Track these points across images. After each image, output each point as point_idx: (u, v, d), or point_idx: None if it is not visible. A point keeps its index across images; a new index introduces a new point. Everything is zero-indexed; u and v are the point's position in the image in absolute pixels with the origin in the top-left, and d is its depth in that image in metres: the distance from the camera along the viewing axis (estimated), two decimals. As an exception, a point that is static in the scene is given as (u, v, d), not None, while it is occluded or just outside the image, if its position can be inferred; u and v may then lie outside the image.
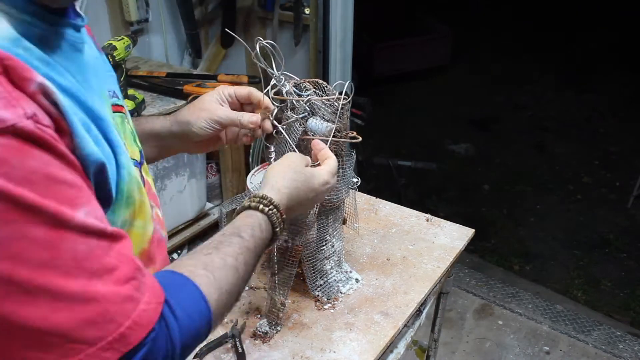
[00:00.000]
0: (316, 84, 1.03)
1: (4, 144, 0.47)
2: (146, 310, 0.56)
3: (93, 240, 0.53)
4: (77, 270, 0.51)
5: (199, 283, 0.65)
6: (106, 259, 0.54)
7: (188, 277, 0.65)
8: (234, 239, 0.73)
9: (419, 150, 3.97)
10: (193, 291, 0.64)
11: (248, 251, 0.73)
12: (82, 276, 0.52)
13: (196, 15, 2.58)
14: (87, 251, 0.52)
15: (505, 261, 2.95)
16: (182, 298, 0.62)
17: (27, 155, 0.49)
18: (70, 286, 0.51)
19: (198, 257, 0.69)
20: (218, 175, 2.38)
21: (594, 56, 5.45)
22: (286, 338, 1.07)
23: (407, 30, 5.24)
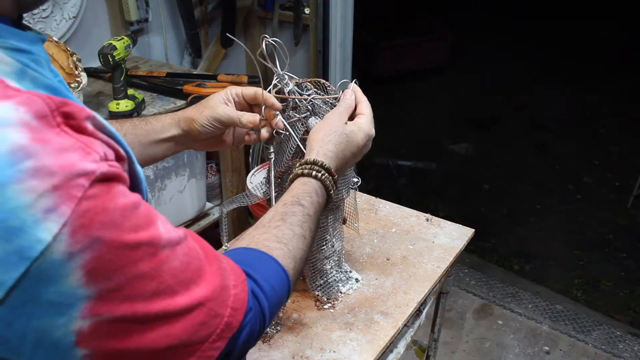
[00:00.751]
0: (318, 83, 1.03)
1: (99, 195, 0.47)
2: (237, 293, 0.60)
3: (178, 250, 0.54)
4: (179, 285, 0.53)
5: (276, 256, 0.69)
6: (193, 262, 0.56)
7: (265, 252, 0.69)
8: (296, 208, 0.76)
9: (419, 150, 3.97)
10: (273, 264, 0.68)
11: (310, 218, 0.77)
12: (184, 288, 0.54)
13: (196, 15, 2.58)
14: (179, 264, 0.54)
15: (505, 261, 2.95)
16: (265, 272, 0.66)
17: (114, 195, 0.49)
18: (179, 302, 0.53)
19: (268, 230, 0.73)
20: (218, 175, 2.37)
21: (594, 56, 5.45)
22: (286, 338, 1.07)
23: (407, 30, 5.24)
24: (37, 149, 0.44)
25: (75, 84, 1.64)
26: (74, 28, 2.11)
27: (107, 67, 1.74)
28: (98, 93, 1.98)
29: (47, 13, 2.00)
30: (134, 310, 0.50)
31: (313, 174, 0.82)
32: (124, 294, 0.49)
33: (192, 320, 0.54)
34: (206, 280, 0.56)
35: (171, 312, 0.53)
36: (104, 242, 0.47)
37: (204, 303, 0.55)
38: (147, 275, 0.51)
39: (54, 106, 0.47)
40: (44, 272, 0.44)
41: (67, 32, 2.09)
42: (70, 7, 2.06)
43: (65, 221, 0.45)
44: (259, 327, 0.63)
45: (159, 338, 0.52)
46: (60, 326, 0.46)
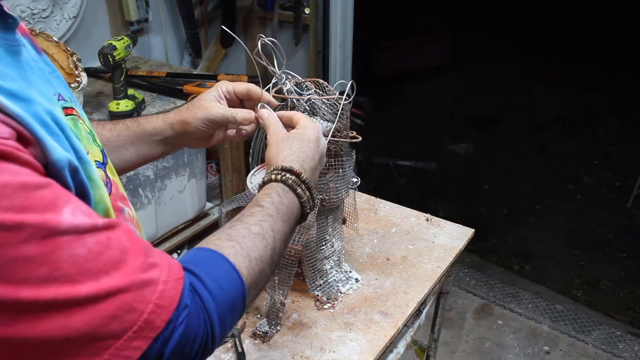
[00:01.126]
0: (316, 83, 1.03)
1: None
2: (165, 290, 0.55)
3: (88, 238, 0.51)
4: (82, 274, 0.50)
5: (226, 254, 0.65)
6: (108, 252, 0.52)
7: (215, 250, 0.65)
8: (254, 209, 0.74)
9: (419, 150, 3.97)
10: (222, 262, 0.64)
11: (271, 217, 0.73)
12: (89, 279, 0.50)
13: (196, 15, 2.58)
14: (86, 252, 0.51)
15: (505, 261, 2.95)
16: (211, 270, 0.62)
17: None
18: (79, 291, 0.50)
19: (222, 230, 0.70)
20: (218, 175, 2.38)
21: (594, 56, 5.45)
22: (286, 338, 1.07)
23: (407, 30, 5.24)
24: None
25: (75, 84, 1.64)
26: (74, 28, 2.11)
27: (107, 67, 1.74)
28: (98, 93, 1.98)
29: (47, 13, 2.00)
30: (17, 294, 0.47)
31: (272, 178, 0.80)
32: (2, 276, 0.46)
33: (98, 312, 0.51)
34: (122, 272, 0.53)
35: (69, 301, 0.49)
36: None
37: (114, 295, 0.51)
38: (35, 259, 0.48)
39: None
40: None
41: (67, 32, 2.09)
42: (70, 7, 2.06)
43: None
44: (202, 328, 0.58)
45: (54, 328, 0.49)
46: None
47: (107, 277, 0.51)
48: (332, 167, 1.07)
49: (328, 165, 1.06)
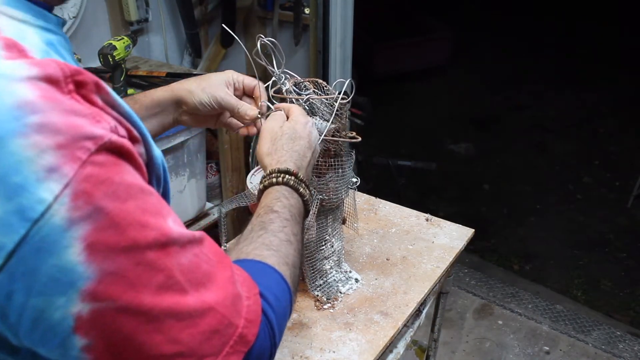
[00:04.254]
0: (315, 83, 1.03)
1: (104, 162, 0.45)
2: (250, 305, 0.55)
3: (188, 249, 0.51)
4: (188, 284, 0.49)
5: (272, 264, 0.65)
6: (204, 265, 0.52)
7: (262, 261, 0.64)
8: (271, 216, 0.73)
9: (419, 150, 3.97)
10: (272, 273, 0.64)
11: (288, 222, 0.73)
12: (194, 289, 0.50)
13: (196, 15, 2.58)
14: (189, 263, 0.50)
15: (505, 261, 2.95)
16: (266, 282, 0.61)
17: (122, 169, 0.46)
18: (188, 302, 0.49)
19: (254, 240, 0.68)
20: (218, 175, 2.37)
21: (594, 56, 5.45)
22: (285, 338, 1.07)
23: (407, 30, 5.24)
24: (44, 106, 0.43)
25: (75, 84, 1.63)
26: (74, 28, 2.11)
27: (107, 67, 1.74)
28: (98, 93, 1.98)
29: (47, 13, 2.00)
30: (140, 301, 0.46)
31: (274, 181, 0.79)
32: (128, 281, 0.45)
33: (203, 326, 0.50)
34: (218, 286, 0.52)
35: (181, 312, 0.48)
36: (107, 214, 0.44)
37: (215, 308, 0.51)
38: (154, 265, 0.47)
39: (68, 73, 0.46)
40: (44, 239, 0.42)
41: (67, 32, 2.09)
42: (70, 7, 2.06)
43: (67, 182, 0.42)
44: (269, 342, 0.58)
45: (166, 343, 0.48)
46: (59, 307, 0.44)
47: (205, 290, 0.51)
48: (331, 167, 1.06)
49: (328, 165, 1.06)
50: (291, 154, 0.83)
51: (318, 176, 1.06)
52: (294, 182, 0.79)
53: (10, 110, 0.42)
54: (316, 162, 1.04)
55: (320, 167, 1.06)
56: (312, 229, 1.08)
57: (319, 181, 1.06)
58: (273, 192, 0.77)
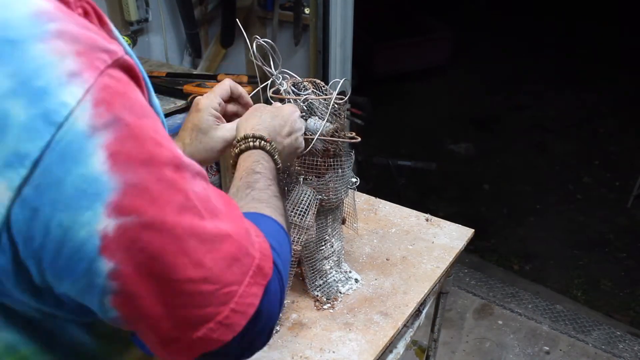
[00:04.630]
0: (314, 83, 1.03)
1: (119, 78, 0.45)
2: (260, 242, 0.55)
3: (199, 181, 0.50)
4: (205, 211, 0.48)
5: (268, 214, 0.66)
6: (213, 199, 0.51)
7: (258, 212, 0.65)
8: (255, 176, 0.73)
9: (419, 150, 3.97)
10: (271, 222, 0.65)
11: (271, 181, 0.74)
12: (209, 217, 0.49)
13: (196, 15, 2.58)
14: (202, 192, 0.49)
15: (505, 261, 2.95)
16: (268, 229, 0.61)
17: (135, 90, 0.47)
18: (207, 227, 0.48)
19: (243, 197, 0.69)
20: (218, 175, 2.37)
21: (594, 56, 5.45)
22: (285, 338, 1.07)
23: (407, 30, 5.24)
24: (61, 16, 0.44)
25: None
26: (74, 28, 2.11)
27: (107, 67, 1.74)
28: (98, 93, 1.98)
29: (47, 13, 2.00)
30: (163, 217, 0.45)
31: (251, 145, 0.79)
32: (150, 195, 0.44)
33: (224, 252, 0.49)
34: (230, 218, 0.52)
35: (201, 235, 0.47)
36: (126, 125, 0.44)
37: (232, 236, 0.50)
38: (173, 184, 0.46)
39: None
40: (68, 145, 0.41)
41: (67, 32, 2.09)
42: (70, 7, 2.06)
43: (88, 87, 0.42)
44: (278, 285, 0.57)
45: (192, 266, 0.46)
46: (84, 224, 0.43)
47: (220, 221, 0.50)
48: (331, 167, 1.06)
49: (327, 166, 1.06)
50: (267, 126, 0.83)
51: (318, 176, 1.06)
52: (270, 148, 0.79)
53: (28, 17, 0.42)
54: (316, 162, 1.04)
55: (319, 167, 1.05)
56: (312, 229, 1.08)
57: (318, 181, 1.06)
58: (252, 155, 0.78)
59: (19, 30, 0.42)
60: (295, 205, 1.03)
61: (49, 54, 0.42)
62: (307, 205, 1.03)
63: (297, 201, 1.03)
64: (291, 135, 0.87)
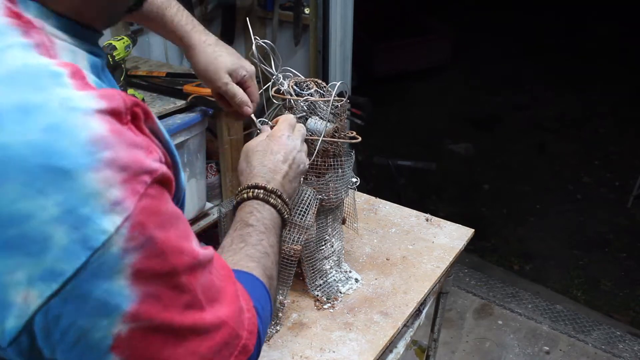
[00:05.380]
0: (316, 83, 1.03)
1: (156, 195, 0.49)
2: (250, 317, 0.59)
3: (207, 268, 0.55)
4: (207, 301, 0.53)
5: (257, 275, 0.69)
6: (216, 282, 0.56)
7: (250, 272, 0.68)
8: (248, 229, 0.76)
9: (419, 150, 3.97)
10: (259, 285, 0.68)
11: (264, 234, 0.76)
12: (210, 305, 0.54)
13: (196, 15, 2.58)
14: (207, 281, 0.54)
15: (505, 261, 2.95)
16: (256, 294, 0.65)
17: (167, 200, 0.51)
18: (206, 318, 0.53)
19: (237, 252, 0.72)
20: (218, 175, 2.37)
21: (593, 56, 5.45)
22: (285, 338, 1.07)
23: (407, 30, 5.24)
24: (114, 141, 0.46)
25: (75, 84, 1.63)
26: (74, 28, 2.11)
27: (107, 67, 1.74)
28: (98, 93, 1.98)
29: (47, 13, 2.00)
30: (170, 320, 0.50)
31: (245, 197, 0.82)
32: (163, 302, 0.49)
33: (218, 339, 0.54)
34: (227, 301, 0.57)
35: (201, 328, 0.52)
36: (155, 243, 0.48)
37: (227, 322, 0.55)
38: (185, 287, 0.51)
39: (129, 104, 0.50)
40: (101, 267, 0.45)
41: (67, 32, 2.09)
42: (70, 7, 2.06)
43: (128, 215, 0.46)
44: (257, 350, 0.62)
45: (187, 355, 0.52)
46: (101, 328, 0.47)
47: (219, 306, 0.55)
48: (331, 167, 1.07)
49: (327, 166, 1.06)
50: (259, 169, 0.86)
51: (318, 176, 1.07)
52: (263, 195, 0.81)
53: (85, 145, 0.45)
54: (316, 163, 1.04)
55: (319, 167, 1.06)
56: (312, 229, 1.08)
57: (318, 181, 1.07)
58: (246, 206, 0.81)
59: (74, 160, 0.44)
60: (295, 205, 1.03)
61: (97, 183, 0.45)
62: (307, 205, 1.04)
63: (297, 201, 1.03)
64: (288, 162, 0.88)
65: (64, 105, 0.45)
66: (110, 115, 0.47)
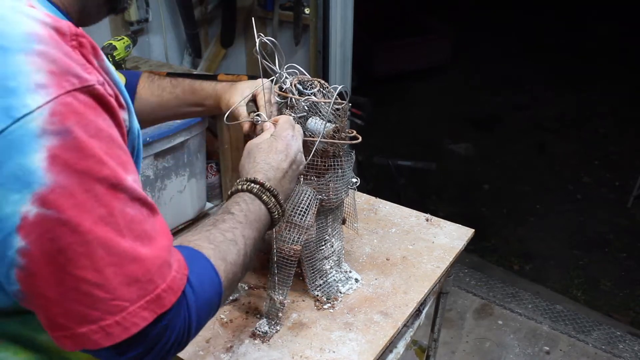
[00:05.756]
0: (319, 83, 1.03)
1: (83, 101, 0.53)
2: (176, 277, 0.60)
3: (138, 206, 0.57)
4: (127, 230, 0.55)
5: (207, 255, 0.68)
6: (147, 226, 0.58)
7: (197, 249, 0.68)
8: (225, 216, 0.77)
9: (419, 150, 3.97)
10: (204, 262, 0.67)
11: (241, 224, 0.76)
12: (130, 237, 0.55)
13: (196, 15, 2.58)
14: (133, 215, 0.56)
15: (505, 261, 2.95)
16: (195, 268, 0.65)
17: (98, 114, 0.54)
18: (122, 244, 0.54)
19: (200, 232, 0.73)
20: (218, 175, 2.37)
21: (593, 56, 5.45)
22: (285, 338, 1.07)
23: (407, 30, 5.24)
24: (49, 41, 0.53)
25: (75, 84, 1.63)
26: (74, 28, 2.11)
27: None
28: (98, 93, 1.98)
29: (47, 13, 2.00)
30: (79, 221, 0.52)
31: (239, 188, 0.83)
32: (74, 200, 0.51)
33: (128, 271, 0.55)
34: (152, 247, 0.57)
35: (112, 248, 0.54)
36: (74, 138, 0.51)
37: (143, 261, 0.56)
38: (100, 198, 0.53)
39: (74, 31, 0.56)
40: (17, 138, 0.50)
41: (67, 32, 2.09)
42: (70, 7, 2.06)
43: (49, 99, 0.51)
44: (182, 323, 0.61)
45: (90, 269, 0.53)
46: (11, 202, 0.50)
47: (141, 244, 0.56)
48: (331, 167, 1.07)
49: (327, 166, 1.06)
50: (262, 166, 0.86)
51: (318, 176, 1.07)
52: (257, 190, 0.82)
53: (23, 34, 0.52)
54: (316, 163, 1.04)
55: (319, 167, 1.06)
56: (312, 229, 1.08)
57: (318, 181, 1.07)
58: (236, 197, 0.82)
59: (11, 41, 0.52)
60: (295, 205, 1.03)
61: (27, 64, 0.51)
62: (307, 205, 1.04)
63: (297, 201, 1.03)
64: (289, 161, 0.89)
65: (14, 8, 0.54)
66: (53, 29, 0.54)
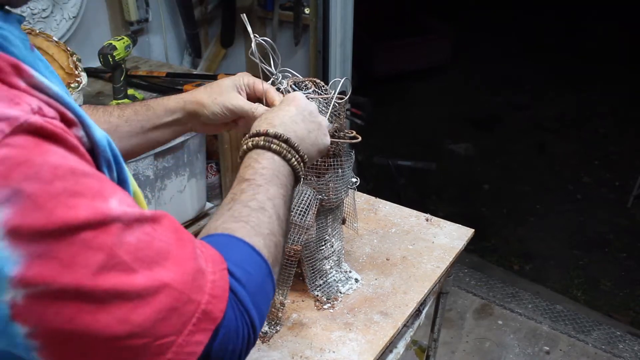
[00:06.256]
0: (314, 83, 1.03)
1: (22, 144, 0.43)
2: (215, 280, 0.53)
3: (137, 227, 0.49)
4: (136, 263, 0.48)
5: (240, 235, 0.61)
6: (157, 242, 0.50)
7: (227, 233, 0.61)
8: (242, 185, 0.69)
9: (419, 150, 3.97)
10: (242, 246, 0.60)
11: (261, 187, 0.68)
12: (143, 268, 0.48)
13: (196, 15, 2.58)
14: (137, 241, 0.48)
15: (505, 261, 2.95)
16: (235, 257, 0.58)
17: (45, 151, 0.44)
18: (137, 281, 0.47)
19: (222, 214, 0.65)
20: (218, 175, 2.37)
21: (593, 56, 5.45)
22: (285, 338, 1.07)
23: (407, 30, 5.24)
24: None
25: (75, 84, 1.64)
26: (74, 28, 2.11)
27: (107, 67, 1.74)
28: (98, 93, 1.98)
29: (47, 13, 2.00)
30: (78, 282, 0.44)
31: (245, 149, 0.74)
32: (60, 262, 0.44)
33: (157, 305, 0.48)
34: (174, 263, 0.51)
35: (128, 292, 0.47)
36: (28, 197, 0.42)
37: (171, 285, 0.49)
38: (90, 244, 0.45)
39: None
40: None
41: (67, 32, 2.09)
42: (70, 7, 2.06)
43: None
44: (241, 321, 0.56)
45: (115, 322, 0.46)
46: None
47: (160, 268, 0.49)
48: (331, 167, 1.07)
49: (327, 166, 1.06)
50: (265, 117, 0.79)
51: (318, 176, 1.07)
52: (263, 142, 0.73)
53: None
54: (316, 163, 1.04)
55: (319, 167, 1.06)
56: (312, 229, 1.08)
57: (318, 181, 1.07)
58: (246, 160, 0.74)
59: None
60: (295, 205, 1.03)
61: None
62: (307, 205, 1.04)
63: (297, 201, 1.03)
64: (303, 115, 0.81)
65: None
66: None
